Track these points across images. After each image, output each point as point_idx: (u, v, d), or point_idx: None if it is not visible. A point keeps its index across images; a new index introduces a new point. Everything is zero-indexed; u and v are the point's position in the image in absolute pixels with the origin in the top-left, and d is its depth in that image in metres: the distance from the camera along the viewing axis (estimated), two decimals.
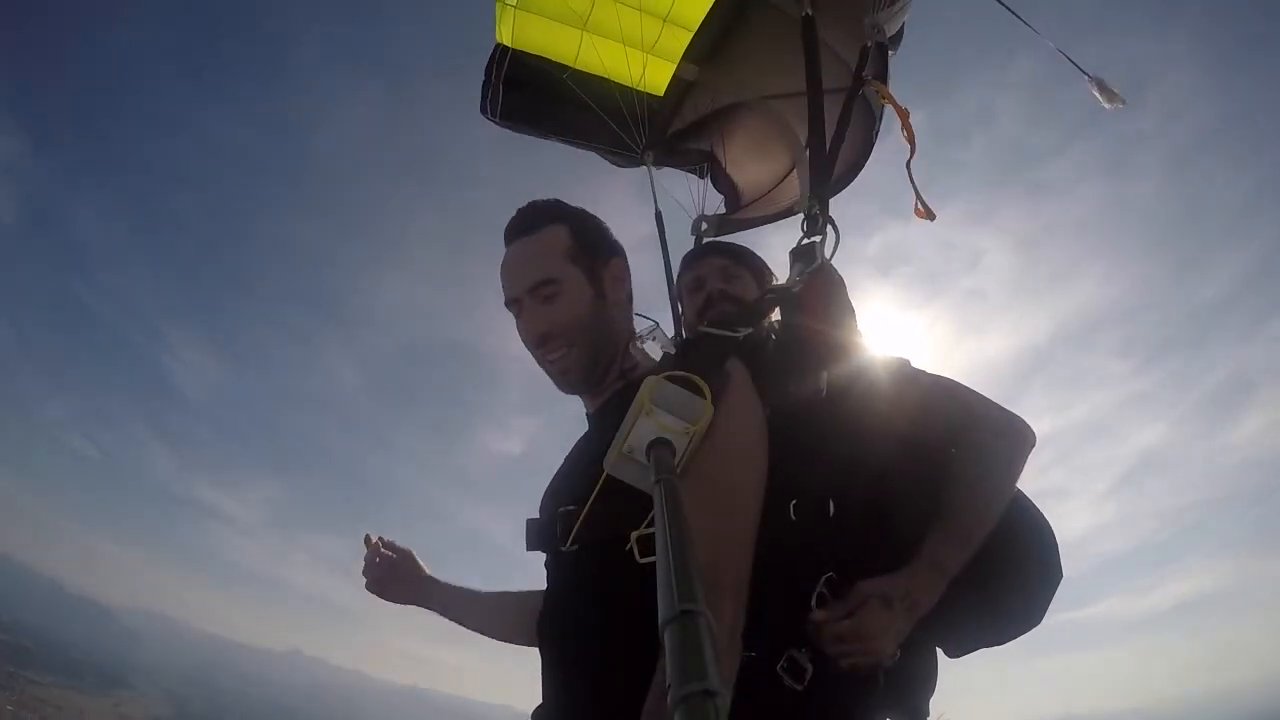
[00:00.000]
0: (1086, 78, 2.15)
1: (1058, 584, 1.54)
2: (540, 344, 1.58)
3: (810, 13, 2.01)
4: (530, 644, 1.61)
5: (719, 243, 2.46)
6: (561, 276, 1.56)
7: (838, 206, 1.88)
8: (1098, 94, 2.16)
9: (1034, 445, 1.51)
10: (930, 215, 2.00)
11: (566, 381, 1.59)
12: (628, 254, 1.70)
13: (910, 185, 1.97)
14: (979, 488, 1.44)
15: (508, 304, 1.64)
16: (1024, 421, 1.53)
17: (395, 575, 1.97)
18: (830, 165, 1.87)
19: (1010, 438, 1.50)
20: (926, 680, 1.51)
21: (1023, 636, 1.57)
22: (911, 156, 1.96)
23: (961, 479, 1.45)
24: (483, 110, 2.78)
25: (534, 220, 1.63)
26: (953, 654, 1.57)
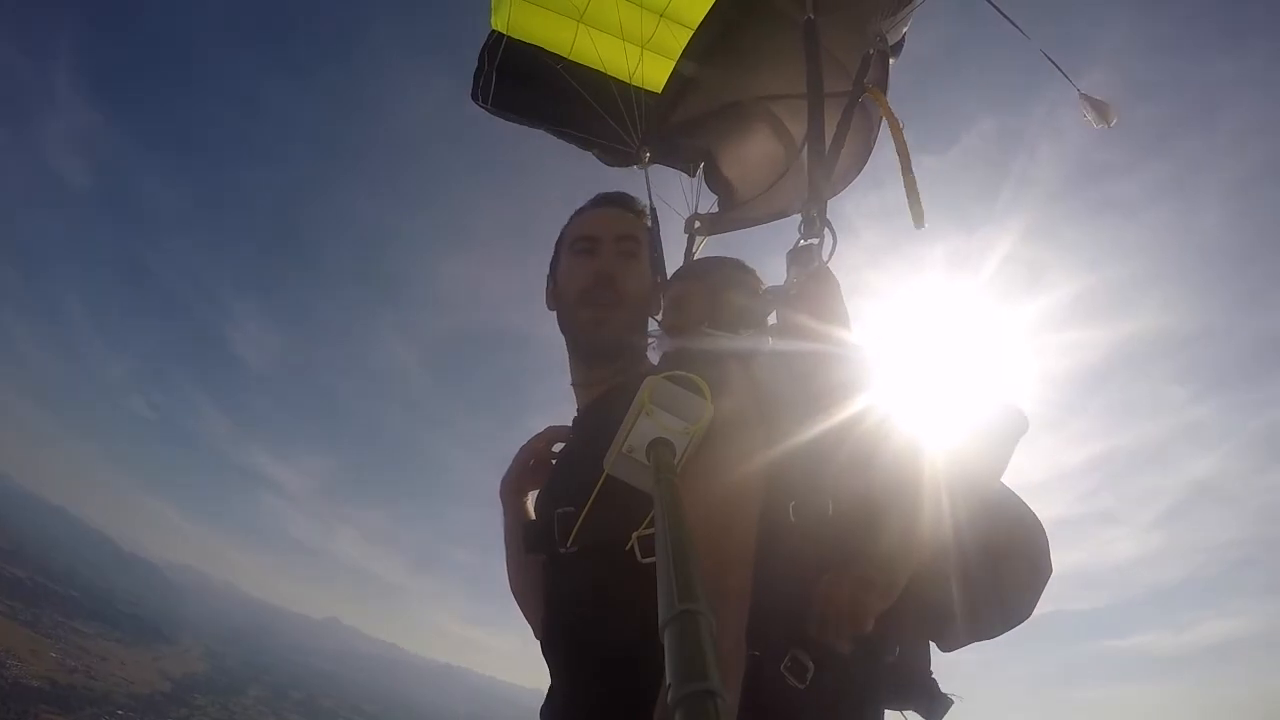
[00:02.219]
0: (1077, 93, 2.13)
1: (1046, 580, 1.55)
2: (596, 284, 1.64)
3: (812, 16, 2.02)
4: (527, 615, 1.68)
5: (692, 264, 2.39)
6: (642, 252, 1.71)
7: (836, 209, 2.04)
8: (1088, 112, 2.14)
9: (1025, 429, 1.49)
10: (921, 222, 1.95)
11: (597, 335, 1.64)
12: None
13: (905, 193, 1.96)
14: (962, 465, 1.44)
15: (577, 240, 1.71)
16: (1016, 409, 1.51)
17: (541, 465, 1.82)
18: (829, 169, 1.88)
19: (997, 422, 1.49)
20: (925, 674, 1.53)
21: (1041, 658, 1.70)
22: (905, 168, 1.95)
23: (947, 464, 1.45)
24: (474, 97, 2.77)
25: (633, 204, 1.81)
26: (945, 648, 1.59)
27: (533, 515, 1.77)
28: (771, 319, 1.71)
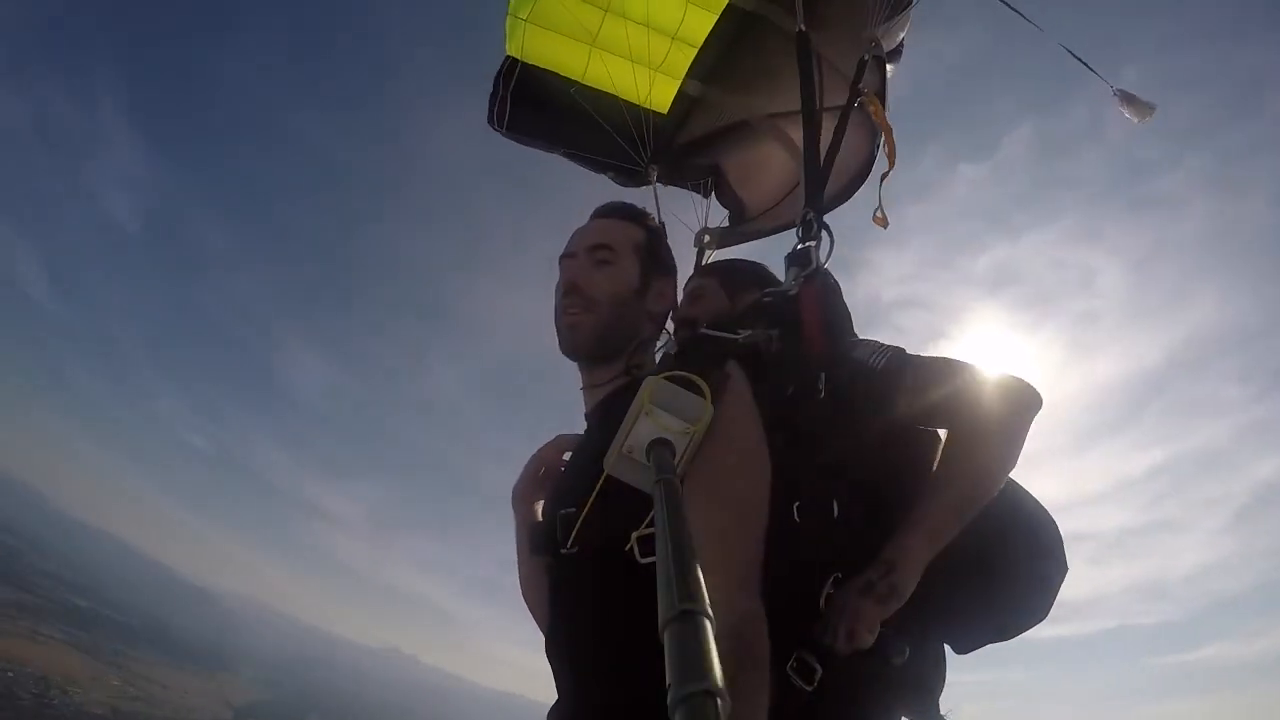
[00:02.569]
0: (1112, 91, 2.13)
1: (1063, 578, 1.54)
2: (568, 292, 1.68)
3: (804, 28, 2.05)
4: (538, 621, 1.69)
5: (710, 264, 2.48)
6: (620, 254, 1.72)
7: (840, 216, 2.10)
8: (1124, 108, 2.14)
9: (1039, 408, 1.47)
10: (884, 224, 2.08)
11: (572, 339, 1.68)
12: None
13: (878, 194, 2.08)
14: (972, 458, 1.42)
15: (561, 258, 1.77)
16: (1028, 386, 1.48)
17: (543, 480, 1.84)
18: (824, 174, 1.90)
19: (1007, 405, 1.47)
20: (937, 677, 1.51)
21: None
22: (889, 170, 2.04)
23: (954, 450, 1.44)
24: (490, 122, 2.81)
25: (622, 210, 1.84)
26: (960, 650, 1.58)
27: (539, 519, 1.80)
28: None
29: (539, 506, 1.76)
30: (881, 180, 2.04)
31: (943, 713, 1.48)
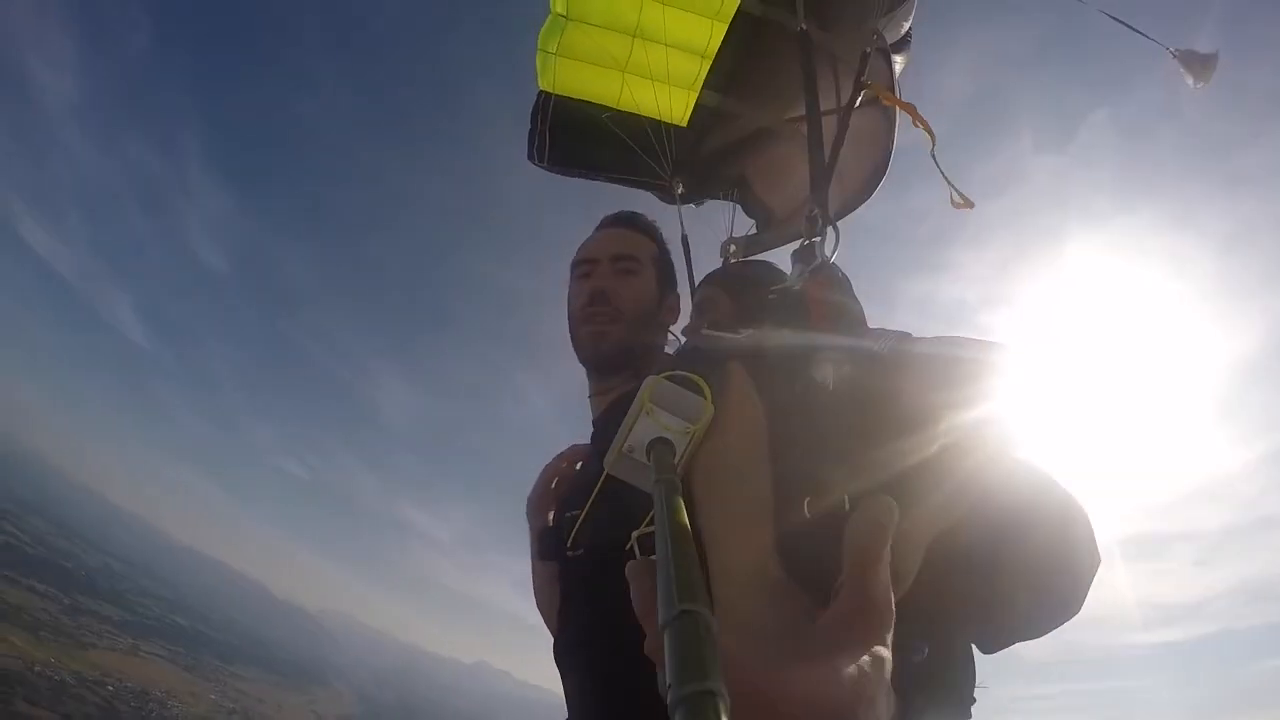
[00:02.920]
0: (1169, 52, 2.02)
1: (1093, 571, 1.48)
2: (593, 301, 1.71)
3: (804, 27, 2.04)
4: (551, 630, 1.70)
5: (714, 272, 2.45)
6: (644, 265, 1.77)
7: (878, 260, 2.15)
8: (1185, 70, 2.03)
9: (1035, 380, 1.43)
10: (968, 204, 1.97)
11: (597, 349, 1.70)
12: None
13: (940, 176, 1.97)
14: (971, 446, 1.38)
15: (577, 264, 1.80)
16: (1023, 357, 1.45)
17: (555, 490, 1.85)
18: (829, 170, 1.88)
19: (1006, 385, 1.42)
20: (963, 678, 1.46)
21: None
22: (934, 146, 1.95)
23: (939, 457, 1.38)
24: (530, 157, 2.87)
25: (638, 222, 1.87)
26: (986, 650, 1.52)
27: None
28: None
29: (551, 515, 1.78)
30: (934, 158, 1.91)
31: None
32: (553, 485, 1.77)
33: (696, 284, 2.46)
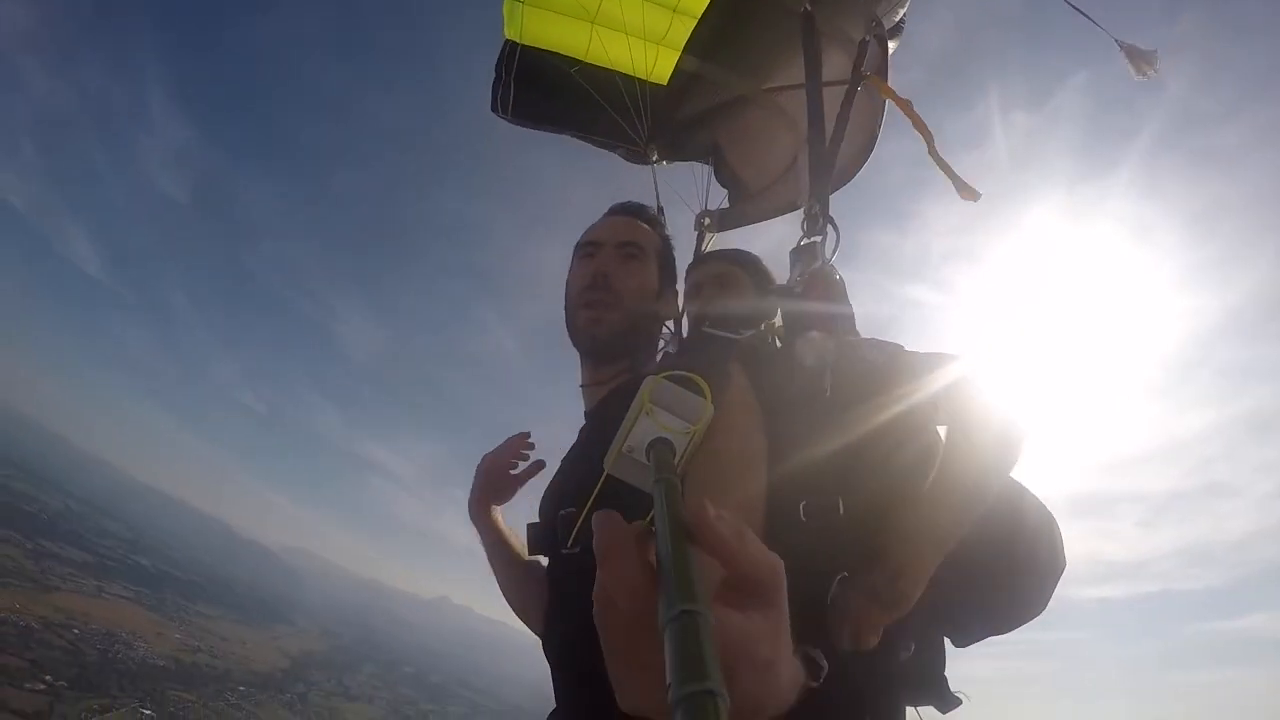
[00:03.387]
0: (1116, 45, 2.04)
1: (1059, 573, 1.54)
2: (593, 286, 1.68)
3: (810, 8, 2.00)
4: (532, 628, 1.69)
5: (723, 250, 2.43)
6: (648, 254, 1.74)
7: (843, 209, 2.03)
8: (1128, 62, 2.05)
9: (1025, 447, 1.42)
10: (974, 195, 1.95)
11: (594, 335, 1.68)
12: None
13: (942, 172, 1.95)
14: (972, 459, 1.39)
15: (581, 245, 1.77)
16: (1025, 416, 1.43)
17: (503, 479, 1.88)
18: (830, 163, 1.84)
19: (1005, 403, 1.42)
20: (941, 668, 1.51)
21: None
22: (931, 144, 1.93)
23: (955, 451, 1.41)
24: (494, 108, 2.80)
25: (644, 213, 1.86)
26: (959, 644, 1.57)
27: (504, 529, 1.83)
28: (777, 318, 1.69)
29: (498, 514, 1.77)
30: (933, 156, 1.92)
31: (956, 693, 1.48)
32: (489, 484, 1.80)
33: (693, 257, 2.45)
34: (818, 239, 1.70)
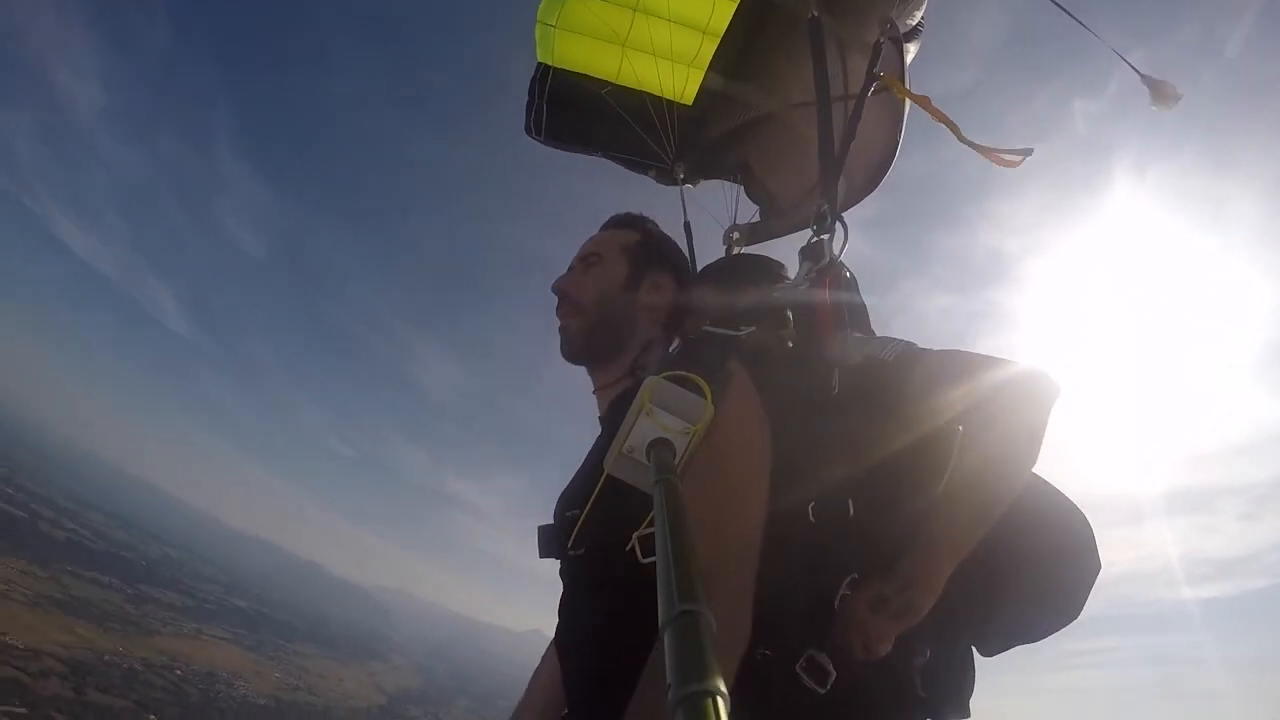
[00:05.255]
0: (1140, 78, 2.04)
1: (1095, 576, 1.47)
2: (559, 302, 1.79)
3: (816, 14, 2.01)
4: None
5: (707, 267, 2.31)
6: (607, 257, 1.79)
7: (910, 215, 1.96)
8: (1152, 95, 2.06)
9: (1055, 400, 1.36)
10: (1015, 161, 1.87)
11: (566, 344, 1.76)
12: None
13: (979, 153, 1.91)
14: (990, 461, 1.33)
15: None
16: (1043, 377, 1.38)
17: None
18: (838, 164, 1.86)
19: (1023, 401, 1.37)
20: (964, 680, 1.46)
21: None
22: (957, 131, 1.92)
23: (971, 452, 1.35)
24: (527, 130, 2.83)
25: (619, 220, 1.91)
26: (986, 652, 1.52)
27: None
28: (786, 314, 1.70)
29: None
30: (967, 142, 1.88)
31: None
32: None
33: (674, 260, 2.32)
34: (827, 237, 1.72)
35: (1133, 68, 1.99)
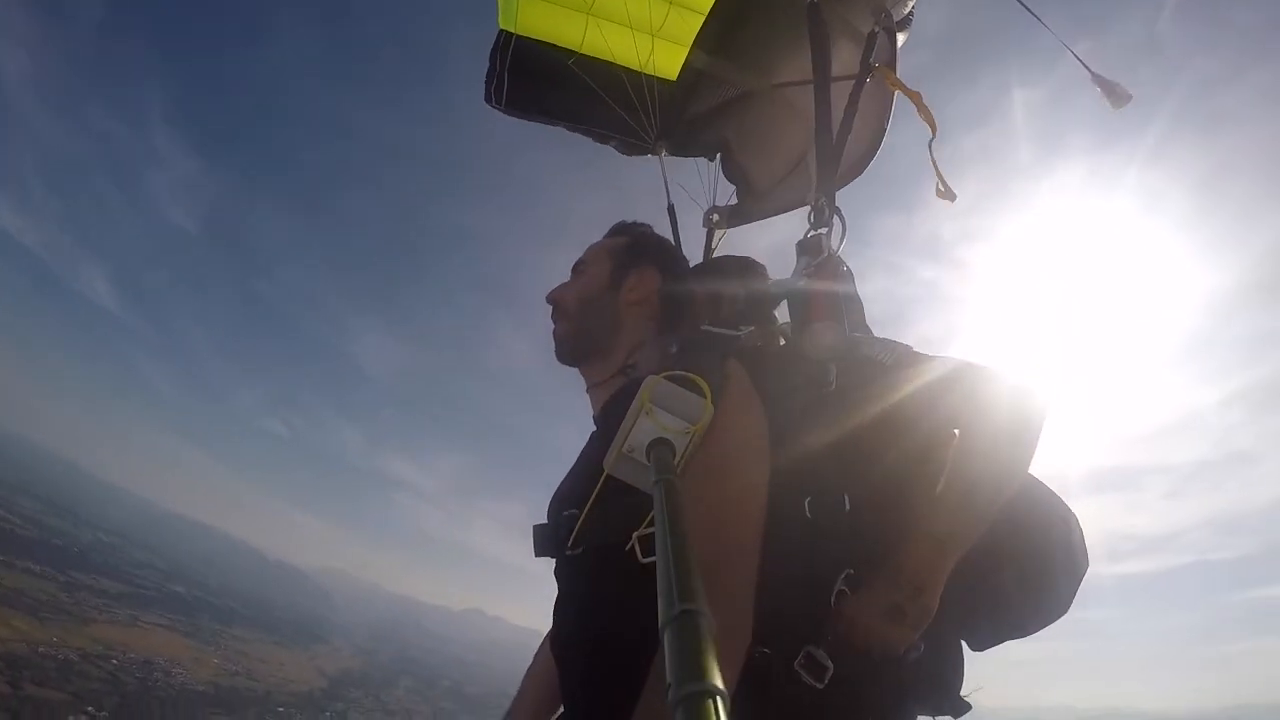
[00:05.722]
0: (1091, 76, 2.08)
1: (1083, 574, 1.51)
2: (552, 310, 1.86)
3: (817, 0, 2.00)
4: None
5: (698, 265, 2.32)
6: (593, 262, 1.88)
7: (850, 195, 2.05)
8: (1104, 94, 2.11)
9: (1050, 405, 1.38)
10: (951, 196, 2.01)
11: (557, 348, 1.82)
12: None
13: (931, 167, 1.99)
14: (987, 463, 1.35)
15: None
16: (1037, 385, 1.39)
17: None
18: (837, 156, 1.85)
19: (1017, 408, 1.38)
20: (955, 674, 1.47)
21: (1056, 619, 1.54)
22: (933, 137, 1.96)
23: (969, 456, 1.36)
24: (487, 99, 2.77)
25: (615, 228, 2.00)
26: (977, 647, 1.54)
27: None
28: (780, 312, 1.70)
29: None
30: (930, 150, 1.94)
31: (965, 696, 1.44)
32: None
33: (703, 253, 2.48)
34: (824, 231, 1.71)
35: (1086, 67, 2.06)
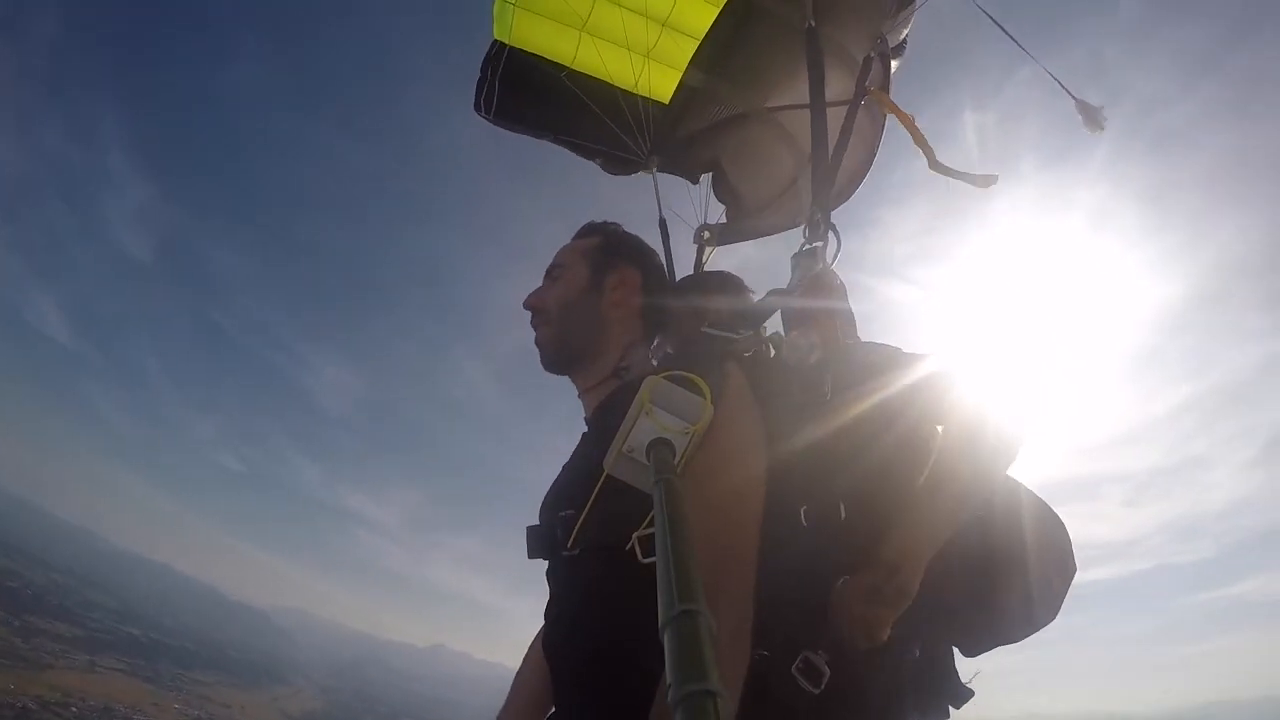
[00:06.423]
0: (1073, 101, 2.14)
1: (1070, 579, 1.53)
2: (532, 316, 1.79)
3: (813, 24, 2.02)
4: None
5: (683, 280, 2.34)
6: (569, 265, 1.81)
7: (846, 213, 2.12)
8: (1082, 117, 2.16)
9: (1032, 411, 1.44)
10: (991, 181, 2.01)
11: (541, 355, 1.76)
12: None
13: (953, 178, 2.01)
14: (966, 457, 1.39)
15: None
16: (1021, 381, 1.45)
17: None
18: (832, 174, 1.89)
19: (997, 409, 1.42)
20: (947, 680, 1.50)
21: (1047, 626, 1.56)
22: (932, 159, 1.98)
23: (949, 449, 1.40)
24: (476, 108, 2.77)
25: (583, 229, 1.93)
26: (969, 653, 1.55)
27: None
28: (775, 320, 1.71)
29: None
30: (940, 169, 1.99)
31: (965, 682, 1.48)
32: None
33: (675, 267, 2.45)
34: (819, 244, 1.75)
35: (1069, 93, 2.11)
